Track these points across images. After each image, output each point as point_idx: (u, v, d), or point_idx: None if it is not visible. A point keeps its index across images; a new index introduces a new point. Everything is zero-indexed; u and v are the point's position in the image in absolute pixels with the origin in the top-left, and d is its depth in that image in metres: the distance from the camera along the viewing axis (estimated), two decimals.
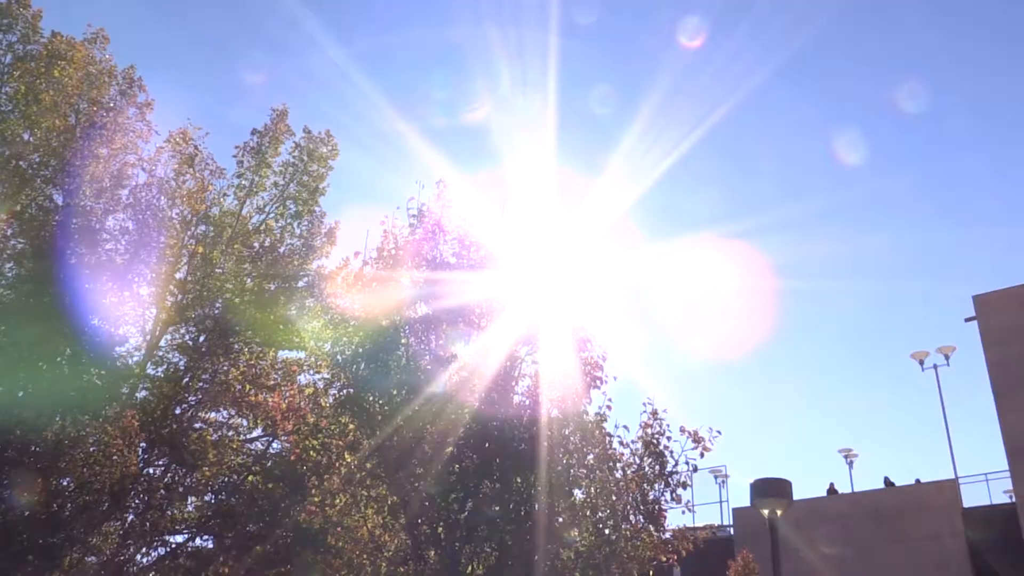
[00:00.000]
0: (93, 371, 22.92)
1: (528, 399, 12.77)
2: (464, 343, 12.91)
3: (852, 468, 43.50)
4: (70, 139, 23.14)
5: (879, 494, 38.51)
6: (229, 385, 23.39)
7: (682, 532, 13.66)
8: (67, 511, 21.16)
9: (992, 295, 35.84)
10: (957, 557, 34.58)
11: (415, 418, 12.28)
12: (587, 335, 13.38)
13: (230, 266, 24.21)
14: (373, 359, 12.97)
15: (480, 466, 12.46)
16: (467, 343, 12.91)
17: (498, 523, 12.31)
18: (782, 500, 16.81)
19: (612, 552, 12.69)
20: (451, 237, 13.46)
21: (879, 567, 35.00)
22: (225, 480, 23.87)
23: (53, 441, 20.24)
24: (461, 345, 12.88)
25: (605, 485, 12.95)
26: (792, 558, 29.91)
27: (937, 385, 39.89)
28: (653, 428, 13.35)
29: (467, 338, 12.96)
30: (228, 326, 23.60)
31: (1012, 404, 33.08)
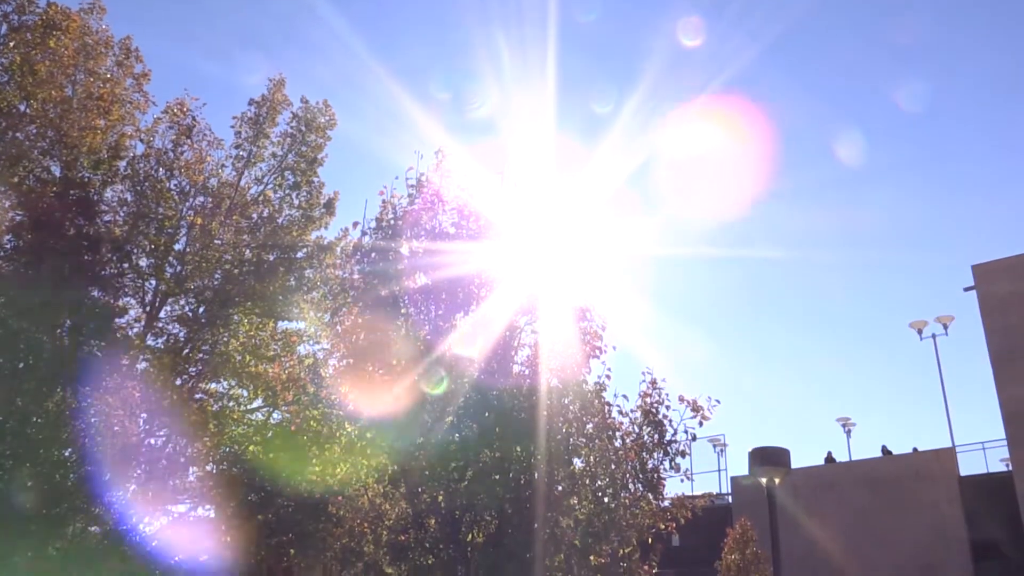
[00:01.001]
0: (94, 342, 22.98)
1: (528, 369, 12.81)
2: (463, 313, 12.92)
3: (850, 437, 43.85)
4: (67, 110, 23.02)
5: (877, 462, 38.78)
6: (229, 356, 23.46)
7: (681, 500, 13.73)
8: (69, 482, 21.27)
9: (991, 264, 35.89)
10: (954, 524, 34.88)
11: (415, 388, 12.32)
12: (586, 305, 13.40)
13: (229, 237, 24.18)
14: (373, 330, 12.98)
15: (480, 435, 12.52)
16: (466, 313, 12.91)
17: (498, 491, 12.38)
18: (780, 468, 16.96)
19: (611, 520, 12.78)
20: (450, 207, 13.42)
21: (876, 535, 35.31)
22: (226, 450, 24.00)
23: (55, 412, 20.31)
24: (460, 315, 12.89)
25: (604, 454, 13.01)
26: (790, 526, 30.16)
27: (935, 354, 40.08)
28: (652, 397, 13.39)
29: (466, 308, 12.96)
30: (227, 297, 23.63)
31: (1010, 373, 33.22)
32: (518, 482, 12.58)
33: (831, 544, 35.62)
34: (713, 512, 31.99)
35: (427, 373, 12.26)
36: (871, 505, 36.29)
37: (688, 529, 14.47)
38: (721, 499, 40.48)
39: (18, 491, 20.35)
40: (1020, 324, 33.72)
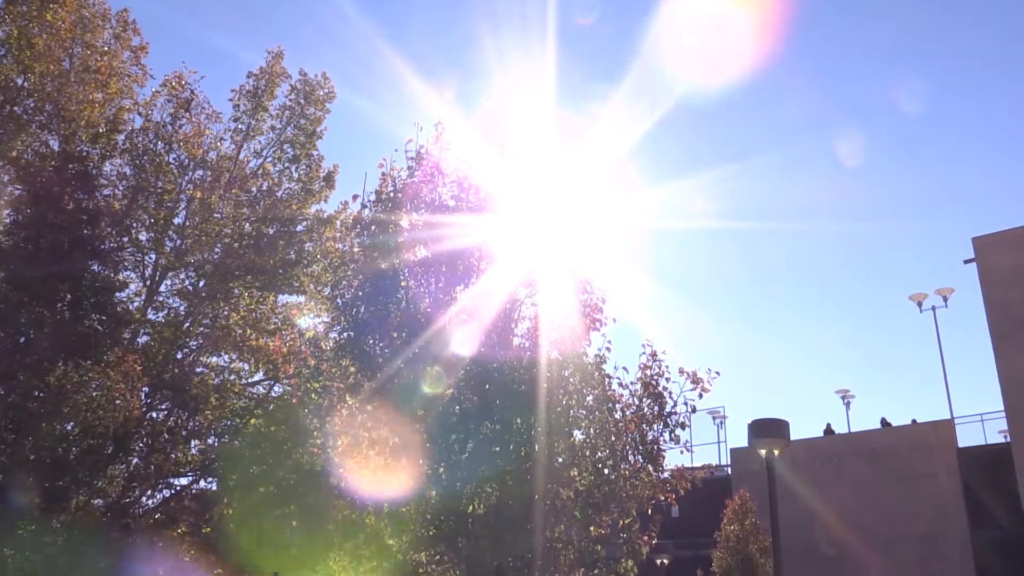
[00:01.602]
0: (94, 316, 23.03)
1: (528, 341, 12.83)
2: (464, 286, 12.92)
3: (849, 409, 44.02)
4: (65, 84, 22.94)
5: (875, 434, 38.95)
6: (230, 330, 23.51)
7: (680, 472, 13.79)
8: (72, 455, 21.38)
9: (991, 237, 35.84)
10: (951, 495, 35.09)
11: (415, 360, 12.35)
12: (586, 278, 13.39)
13: (228, 211, 24.17)
14: (373, 302, 12.98)
15: (480, 407, 12.56)
16: (467, 286, 12.91)
17: (498, 463, 12.43)
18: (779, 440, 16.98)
19: (611, 491, 12.84)
20: (450, 180, 13.38)
21: (875, 505, 35.54)
22: (228, 423, 24.10)
23: (56, 386, 20.37)
24: (461, 288, 12.89)
25: (604, 426, 13.05)
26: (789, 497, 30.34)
27: (935, 327, 40.11)
28: (652, 369, 13.41)
29: (467, 281, 12.96)
30: (228, 271, 23.65)
31: (1010, 345, 33.27)
32: (518, 454, 12.63)
33: (830, 515, 35.85)
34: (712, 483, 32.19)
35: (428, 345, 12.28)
36: (870, 476, 36.49)
37: (687, 500, 14.56)
38: (720, 471, 40.72)
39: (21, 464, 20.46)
40: (1020, 296, 33.73)
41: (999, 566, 34.06)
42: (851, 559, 34.91)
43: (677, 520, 33.02)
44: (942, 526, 34.63)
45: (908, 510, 35.13)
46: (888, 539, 34.98)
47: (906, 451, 36.66)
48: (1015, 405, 32.79)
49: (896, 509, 35.25)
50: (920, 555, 34.22)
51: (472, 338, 12.36)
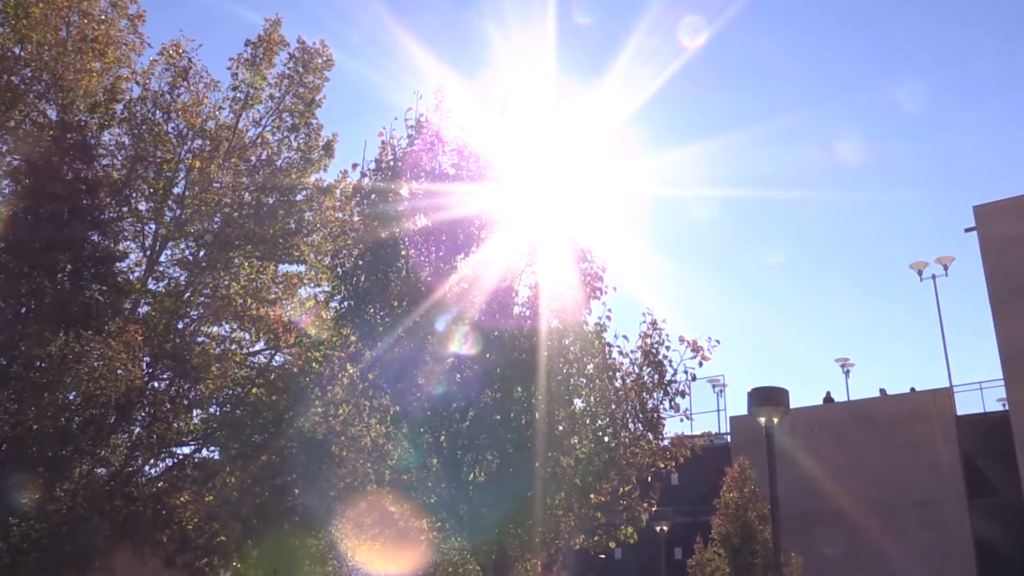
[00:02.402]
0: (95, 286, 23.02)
1: (528, 310, 12.83)
2: (464, 255, 12.90)
3: (848, 377, 44.20)
4: (62, 53, 22.80)
5: (874, 402, 39.14)
6: (230, 299, 23.52)
7: (680, 439, 13.86)
8: (74, 424, 21.46)
9: (993, 205, 35.82)
10: (949, 463, 35.33)
11: (416, 329, 12.36)
12: (587, 246, 13.38)
13: (228, 180, 24.09)
14: (373, 271, 12.97)
15: (481, 376, 12.60)
16: (467, 255, 12.89)
17: (499, 431, 12.49)
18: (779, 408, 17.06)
19: (611, 459, 12.91)
20: (450, 148, 13.32)
21: (873, 473, 35.79)
22: (229, 393, 24.17)
23: (58, 356, 20.41)
24: (461, 257, 12.87)
25: (604, 394, 13.10)
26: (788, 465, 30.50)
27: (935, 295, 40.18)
28: (652, 338, 13.44)
29: (467, 249, 12.94)
30: (227, 240, 23.62)
31: (1009, 313, 33.35)
32: (519, 422, 12.69)
33: (829, 482, 36.10)
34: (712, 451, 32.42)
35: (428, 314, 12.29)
36: (868, 444, 36.71)
37: (687, 468, 14.67)
38: (720, 439, 40.95)
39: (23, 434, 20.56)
40: (1020, 265, 33.75)
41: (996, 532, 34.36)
42: (849, 526, 35.20)
43: (677, 487, 33.28)
44: (940, 493, 34.88)
45: (906, 477, 35.37)
46: (886, 506, 35.25)
47: (905, 419, 36.86)
48: (1014, 373, 32.92)
49: (894, 476, 35.49)
50: (918, 521, 34.51)
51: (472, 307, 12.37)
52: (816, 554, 31.81)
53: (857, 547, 34.65)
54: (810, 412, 38.87)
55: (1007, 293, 33.68)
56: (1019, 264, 33.67)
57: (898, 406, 38.07)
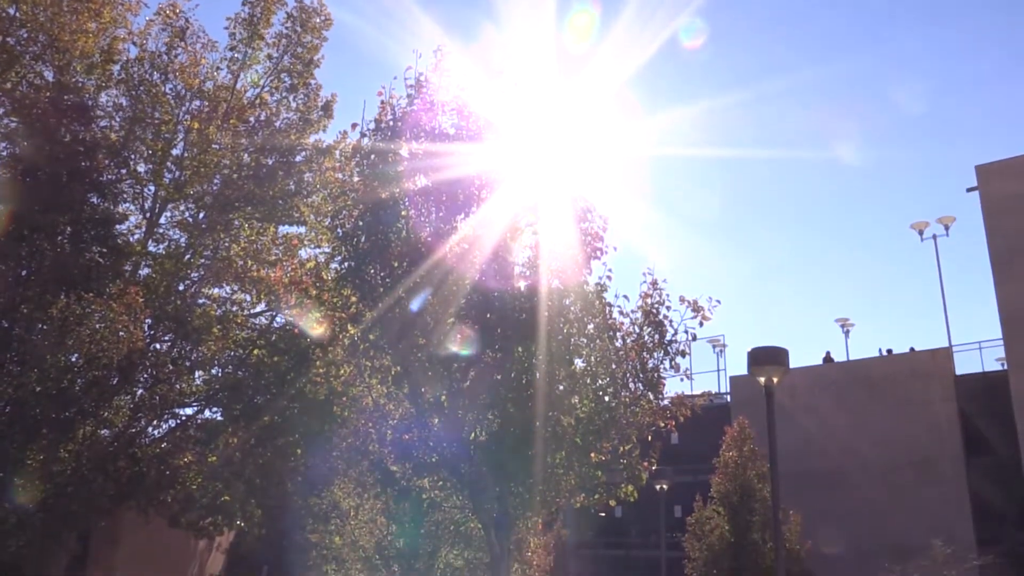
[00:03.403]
0: (95, 249, 23.01)
1: (529, 270, 12.83)
2: (464, 215, 12.87)
3: (848, 337, 44.34)
4: (57, 13, 22.56)
5: (874, 362, 39.27)
6: (231, 261, 23.48)
7: (680, 399, 13.91)
8: (77, 386, 21.55)
9: (995, 165, 35.68)
10: (947, 422, 35.53)
11: (416, 290, 12.37)
12: (587, 205, 13.34)
13: (227, 141, 23.94)
14: (373, 232, 12.95)
15: (481, 336, 12.63)
16: (467, 215, 12.86)
17: (500, 391, 12.55)
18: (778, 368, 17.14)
19: (611, 418, 12.98)
20: (450, 108, 13.23)
21: (872, 432, 36.01)
22: (231, 354, 24.23)
23: (59, 319, 20.45)
24: (461, 217, 12.84)
25: (605, 354, 13.14)
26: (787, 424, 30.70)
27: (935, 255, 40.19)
28: (653, 298, 13.46)
29: (467, 210, 12.91)
30: (227, 202, 23.54)
31: (1009, 273, 33.35)
32: (520, 382, 12.74)
33: (827, 441, 36.35)
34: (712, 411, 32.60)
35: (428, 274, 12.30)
36: (867, 403, 36.89)
37: (687, 427, 14.74)
38: (720, 398, 41.16)
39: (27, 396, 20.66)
40: (1022, 225, 33.69)
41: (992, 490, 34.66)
42: (848, 484, 35.50)
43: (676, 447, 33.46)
44: (937, 451, 35.12)
45: (904, 436, 35.60)
46: (884, 464, 35.52)
47: (904, 379, 37.01)
48: (1013, 332, 33.00)
49: (893, 435, 35.71)
50: (915, 479, 34.78)
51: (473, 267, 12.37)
52: (814, 512, 32.08)
53: (855, 505, 34.96)
54: (810, 372, 39.03)
55: (1008, 253, 33.66)
56: (1020, 224, 33.61)
57: (897, 366, 38.22)
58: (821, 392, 38.00)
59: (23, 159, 22.21)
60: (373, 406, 14.57)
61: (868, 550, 31.00)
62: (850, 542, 33.59)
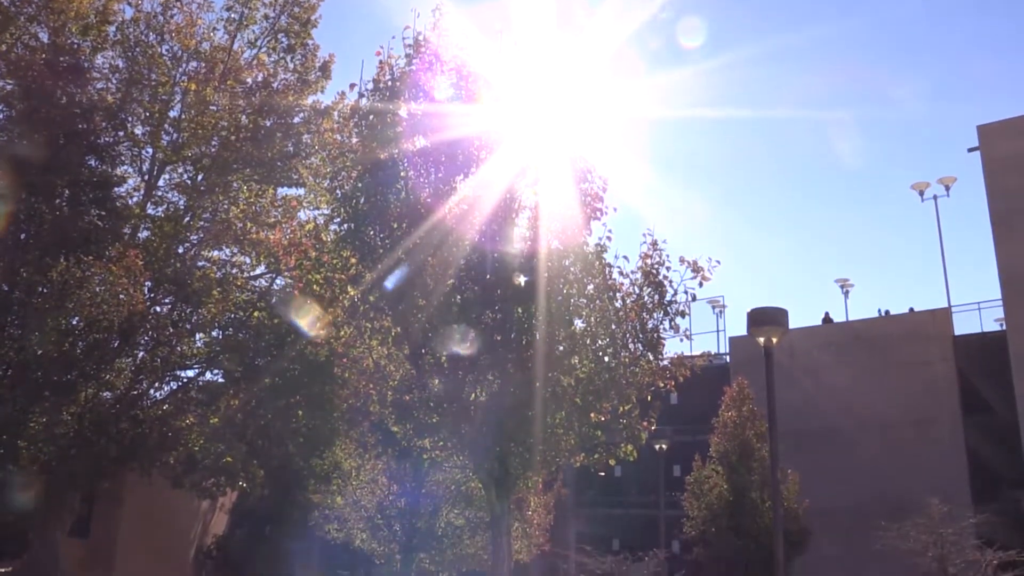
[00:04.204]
0: (93, 212, 22.98)
1: (528, 231, 12.79)
2: (463, 176, 12.81)
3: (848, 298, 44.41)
4: None
5: (873, 322, 39.38)
6: (230, 223, 23.46)
7: (679, 359, 13.91)
8: (78, 349, 21.63)
9: (996, 125, 35.53)
10: (946, 382, 35.69)
11: (416, 251, 12.36)
12: (587, 166, 13.27)
13: (224, 103, 23.81)
14: (372, 193, 12.90)
15: (481, 297, 12.64)
16: (466, 176, 12.80)
17: (500, 352, 12.58)
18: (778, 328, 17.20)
19: (611, 378, 13.01)
20: (449, 68, 13.10)
21: (870, 392, 36.19)
22: (231, 316, 24.29)
23: (59, 282, 20.47)
24: (460, 178, 12.79)
25: (605, 314, 13.13)
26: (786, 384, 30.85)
27: (936, 216, 40.14)
28: (653, 258, 13.42)
29: (466, 171, 12.84)
30: (226, 164, 23.47)
31: (1010, 234, 33.33)
32: (519, 342, 12.77)
33: (826, 401, 36.55)
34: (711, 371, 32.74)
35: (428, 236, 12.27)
36: (866, 364, 37.04)
37: (686, 388, 14.78)
38: (719, 359, 41.30)
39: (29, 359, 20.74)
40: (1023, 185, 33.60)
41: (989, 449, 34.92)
42: (846, 443, 35.74)
43: (676, 407, 33.69)
44: (935, 411, 35.32)
45: (903, 396, 35.78)
46: (882, 423, 35.73)
47: (903, 339, 37.12)
48: (1012, 293, 33.05)
49: (891, 395, 35.89)
50: (913, 439, 35.01)
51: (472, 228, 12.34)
52: (812, 471, 32.32)
53: (853, 464, 35.22)
54: (809, 332, 39.14)
55: (1008, 213, 33.60)
56: (1022, 184, 33.51)
57: (896, 326, 38.32)
58: (820, 352, 38.13)
59: (19, 121, 22.10)
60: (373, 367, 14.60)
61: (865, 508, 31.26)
62: (848, 500, 33.89)
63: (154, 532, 31.93)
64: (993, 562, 17.40)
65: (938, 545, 17.01)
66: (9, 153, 21.53)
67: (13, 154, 21.44)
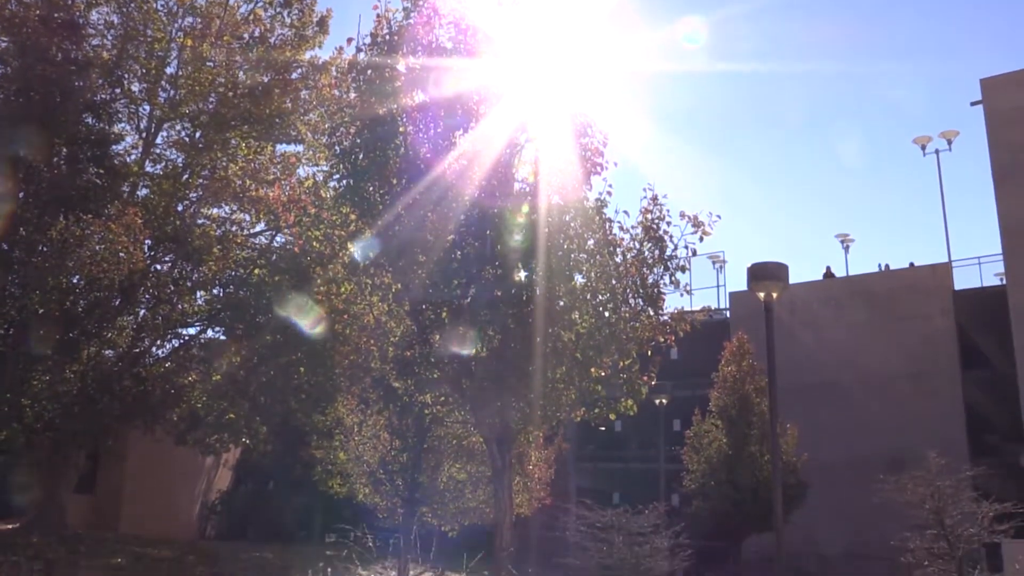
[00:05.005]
0: (92, 170, 22.89)
1: (528, 186, 12.74)
2: (463, 131, 12.72)
3: (848, 253, 44.37)
4: None
5: (873, 277, 39.38)
6: (229, 181, 23.40)
7: (680, 314, 13.90)
8: (80, 307, 21.68)
9: (1000, 78, 35.22)
10: (945, 336, 35.78)
11: (415, 207, 12.31)
12: (587, 121, 13.17)
13: (221, 59, 23.62)
14: (371, 149, 12.81)
15: (481, 253, 12.62)
16: (466, 131, 12.71)
17: (500, 307, 12.58)
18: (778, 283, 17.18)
19: (611, 334, 13.01)
20: (447, 21, 12.93)
21: (869, 346, 36.29)
22: (232, 274, 24.32)
23: (59, 240, 20.46)
24: (460, 133, 12.70)
25: (605, 269, 13.11)
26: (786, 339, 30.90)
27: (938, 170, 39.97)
28: (653, 213, 13.36)
29: (466, 126, 12.75)
30: (224, 121, 23.33)
31: (1011, 188, 33.19)
32: (520, 298, 12.77)
33: (825, 355, 36.67)
34: (711, 326, 32.82)
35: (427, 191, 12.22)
36: (866, 318, 37.11)
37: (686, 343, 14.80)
38: (719, 314, 41.34)
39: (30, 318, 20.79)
40: None
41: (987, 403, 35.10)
42: (845, 397, 35.91)
43: (676, 362, 33.81)
44: (934, 365, 35.44)
45: (902, 350, 35.88)
46: (881, 378, 35.87)
47: (903, 294, 37.15)
48: (1013, 247, 33.00)
49: (890, 349, 35.99)
50: (912, 392, 35.16)
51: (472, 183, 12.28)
52: (811, 425, 32.51)
53: (851, 417, 35.41)
54: (809, 287, 39.17)
55: (1010, 166, 33.42)
56: None
57: (896, 281, 38.32)
58: (820, 307, 38.18)
59: (15, 79, 21.93)
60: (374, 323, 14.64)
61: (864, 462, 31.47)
62: (846, 454, 34.14)
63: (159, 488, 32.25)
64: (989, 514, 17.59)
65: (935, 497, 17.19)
66: (5, 111, 21.39)
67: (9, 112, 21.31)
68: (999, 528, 17.09)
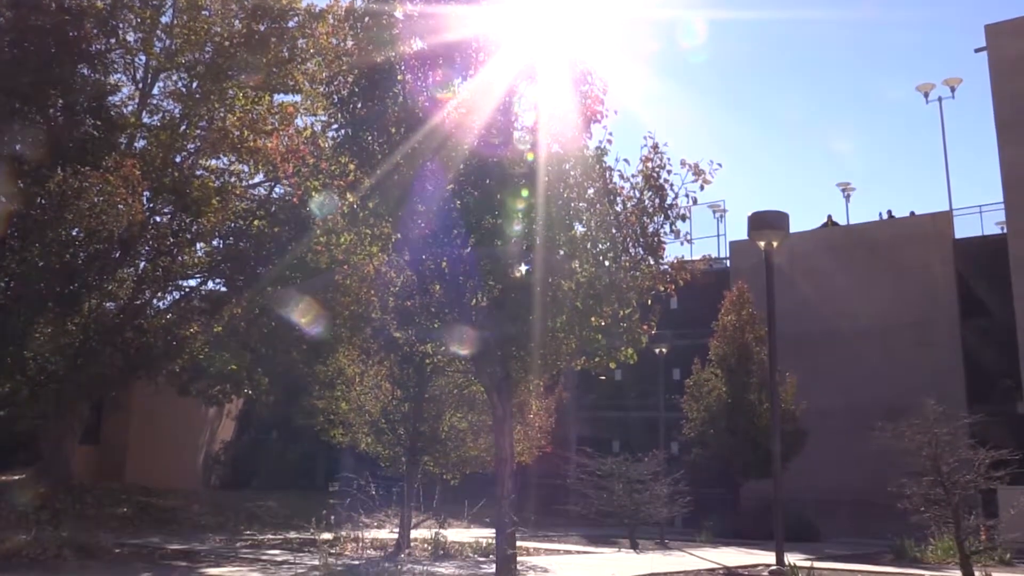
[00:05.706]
0: (89, 122, 22.76)
1: (528, 135, 12.65)
2: (461, 79, 12.61)
3: (849, 201, 44.29)
4: None
5: (874, 226, 39.31)
6: (227, 131, 23.25)
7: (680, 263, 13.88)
8: (80, 260, 21.68)
9: (1005, 24, 34.80)
10: (944, 285, 35.80)
11: (414, 156, 12.25)
12: (587, 68, 13.05)
13: (217, 7, 23.38)
14: (370, 98, 12.71)
15: (481, 202, 12.58)
16: (464, 79, 12.61)
17: (500, 257, 12.58)
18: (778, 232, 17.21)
19: (611, 283, 13.02)
20: None
21: (869, 295, 36.33)
22: (231, 225, 24.30)
23: (57, 193, 20.40)
24: (458, 81, 12.60)
25: (605, 218, 13.07)
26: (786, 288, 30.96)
27: (940, 118, 39.69)
28: (653, 162, 13.28)
29: (464, 74, 12.65)
30: (220, 71, 23.14)
31: (1014, 136, 32.98)
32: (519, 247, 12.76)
33: (825, 304, 36.74)
34: (711, 276, 32.83)
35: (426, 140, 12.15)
36: (867, 267, 37.09)
37: (686, 292, 14.82)
38: (719, 263, 41.34)
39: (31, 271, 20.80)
40: None
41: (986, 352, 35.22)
42: (844, 346, 36.04)
43: (676, 311, 33.93)
44: (933, 314, 35.51)
45: (901, 299, 35.93)
46: (881, 326, 35.97)
47: (903, 242, 37.10)
48: (1014, 195, 32.90)
49: (890, 298, 36.03)
50: (910, 341, 35.28)
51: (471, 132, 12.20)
52: (810, 373, 32.68)
53: (850, 366, 35.56)
54: (810, 236, 39.13)
55: (1014, 114, 33.17)
56: None
57: (897, 230, 38.25)
58: (820, 256, 38.15)
59: (8, 30, 21.71)
60: (375, 274, 14.65)
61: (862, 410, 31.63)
62: (845, 402, 34.34)
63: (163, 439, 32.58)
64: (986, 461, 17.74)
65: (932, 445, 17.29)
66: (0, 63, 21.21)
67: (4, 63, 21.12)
68: (995, 475, 17.25)
